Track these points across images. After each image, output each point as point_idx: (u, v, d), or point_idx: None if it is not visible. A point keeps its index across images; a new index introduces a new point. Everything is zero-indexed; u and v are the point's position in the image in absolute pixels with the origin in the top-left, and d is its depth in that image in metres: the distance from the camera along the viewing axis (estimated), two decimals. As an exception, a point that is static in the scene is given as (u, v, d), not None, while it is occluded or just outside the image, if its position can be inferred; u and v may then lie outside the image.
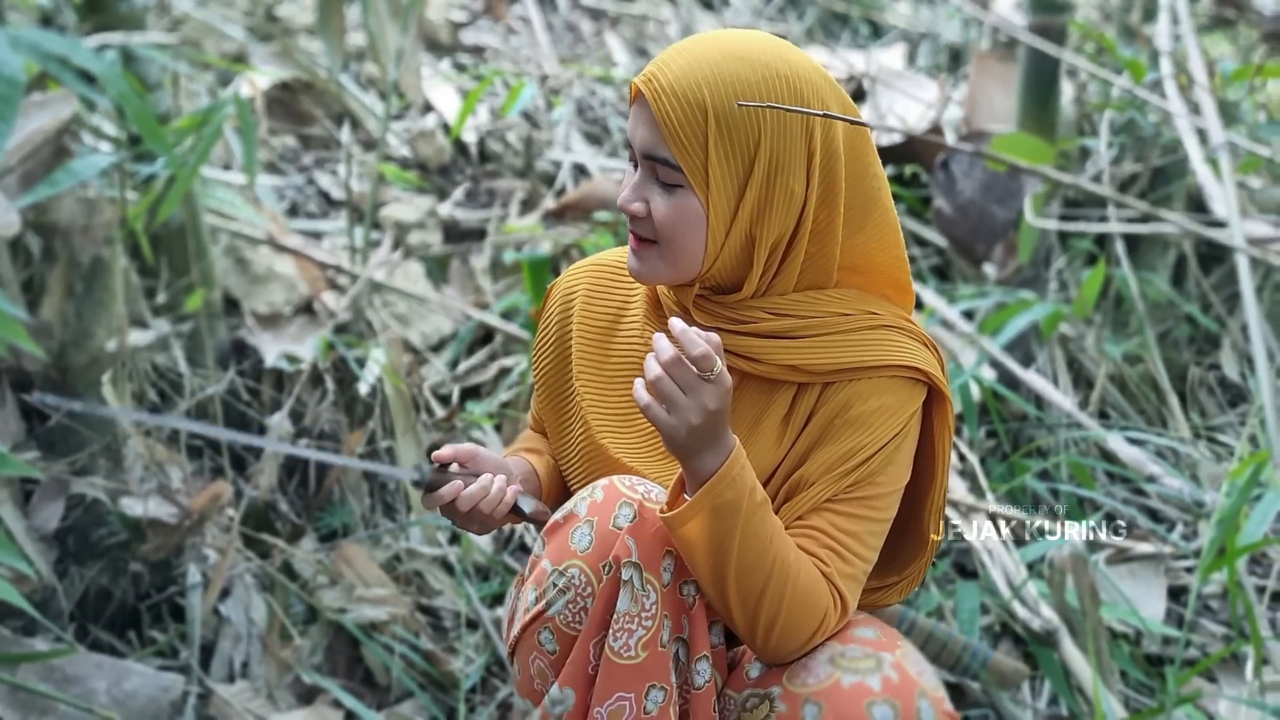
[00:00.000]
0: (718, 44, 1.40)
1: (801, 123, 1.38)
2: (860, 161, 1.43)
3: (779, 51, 1.40)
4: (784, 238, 1.41)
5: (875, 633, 1.42)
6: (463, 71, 3.96)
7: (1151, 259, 3.25)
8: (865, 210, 1.44)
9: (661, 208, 1.40)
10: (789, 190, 1.39)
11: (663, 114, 1.37)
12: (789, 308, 1.43)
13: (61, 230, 2.13)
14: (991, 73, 3.64)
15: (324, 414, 2.55)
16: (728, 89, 1.37)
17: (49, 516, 2.15)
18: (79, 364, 2.18)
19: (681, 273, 1.43)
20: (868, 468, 1.41)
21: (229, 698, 2.08)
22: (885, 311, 1.46)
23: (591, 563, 1.38)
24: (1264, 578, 2.47)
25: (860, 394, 1.41)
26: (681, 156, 1.38)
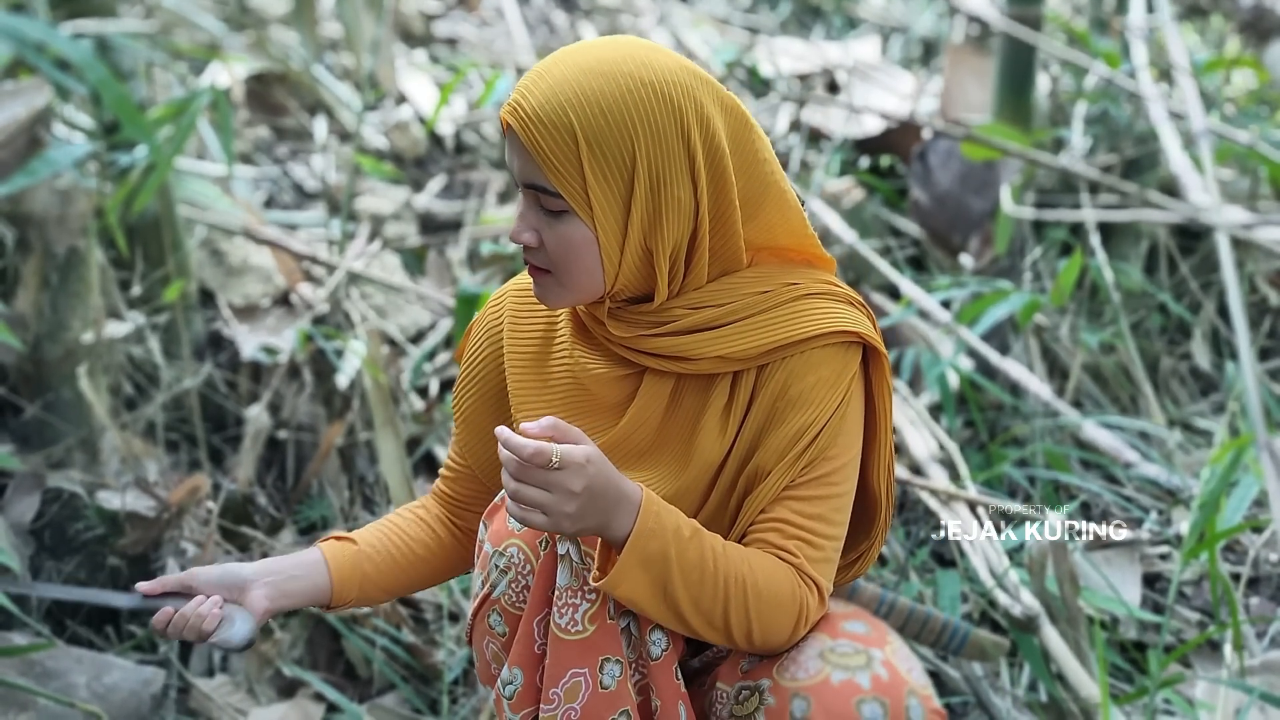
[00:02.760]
0: (579, 61, 1.36)
1: (677, 128, 1.35)
2: (746, 151, 1.40)
3: (643, 58, 1.36)
4: (682, 244, 1.38)
5: (865, 627, 1.42)
6: (437, 63, 3.94)
7: (1125, 249, 3.27)
8: (759, 199, 1.41)
9: (550, 237, 1.38)
10: (676, 199, 1.36)
11: (532, 143, 1.34)
12: (706, 299, 1.41)
13: (36, 221, 2.11)
14: (966, 65, 3.66)
15: (302, 406, 2.53)
16: (594, 108, 1.33)
17: (25, 510, 2.13)
18: (54, 356, 2.16)
19: (585, 295, 1.41)
20: (818, 445, 1.40)
21: (209, 692, 2.06)
22: (805, 279, 1.44)
23: (529, 540, 1.38)
24: (1238, 565, 2.50)
25: (796, 371, 1.40)
26: (559, 184, 1.35)
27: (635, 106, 1.34)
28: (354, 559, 1.52)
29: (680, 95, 1.35)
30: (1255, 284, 3.27)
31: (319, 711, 2.07)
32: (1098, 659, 2.12)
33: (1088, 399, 2.99)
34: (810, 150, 3.68)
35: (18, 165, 2.08)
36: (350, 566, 1.51)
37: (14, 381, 2.32)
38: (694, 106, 1.36)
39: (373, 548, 1.54)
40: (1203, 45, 4.05)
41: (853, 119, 3.61)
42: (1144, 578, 2.44)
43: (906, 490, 2.61)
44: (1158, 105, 2.77)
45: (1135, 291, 3.18)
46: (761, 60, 4.15)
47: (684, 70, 1.37)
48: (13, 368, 2.24)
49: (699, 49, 4.35)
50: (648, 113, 1.34)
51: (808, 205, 1.51)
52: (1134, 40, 3.19)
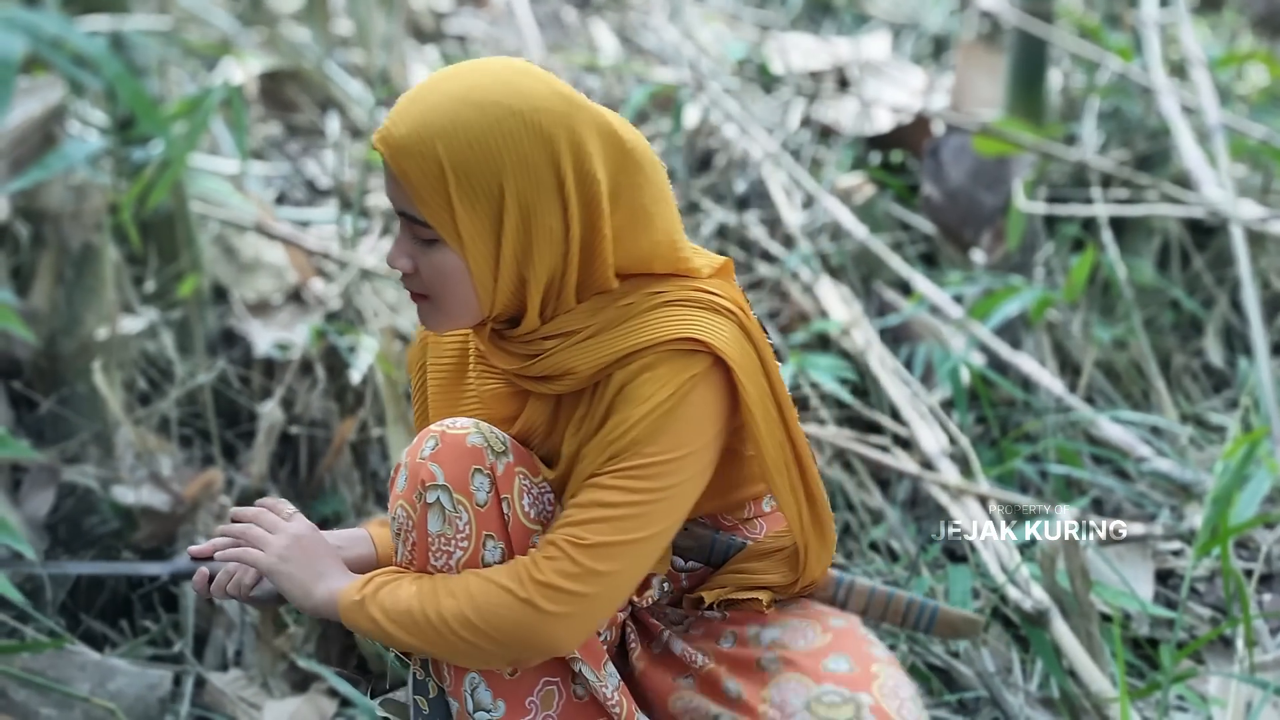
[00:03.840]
0: (449, 89, 1.35)
1: (547, 158, 1.33)
2: (621, 176, 1.37)
3: (515, 85, 1.34)
4: (557, 271, 1.38)
5: (848, 664, 1.41)
6: (448, 60, 3.95)
7: (1137, 244, 3.27)
8: (632, 225, 1.39)
9: (424, 265, 1.38)
10: (547, 229, 1.35)
11: (401, 172, 1.34)
12: (574, 322, 1.40)
13: (51, 217, 2.12)
14: (977, 61, 3.66)
15: (315, 402, 2.54)
16: (461, 138, 1.32)
17: (39, 505, 2.14)
18: (69, 351, 2.18)
19: (463, 321, 1.42)
20: (629, 437, 1.37)
21: (223, 686, 2.07)
22: (672, 288, 1.41)
23: (408, 497, 1.40)
24: (1250, 561, 2.49)
25: (632, 372, 1.38)
26: (428, 214, 1.34)
27: (503, 136, 1.32)
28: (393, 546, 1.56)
29: (551, 123, 1.34)
30: (1268, 279, 3.26)
31: (332, 706, 2.08)
32: (1114, 654, 2.12)
33: (1100, 395, 2.99)
34: (821, 146, 3.68)
35: (33, 161, 2.09)
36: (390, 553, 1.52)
37: (29, 376, 2.33)
38: (566, 134, 1.34)
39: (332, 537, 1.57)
40: (1215, 40, 4.03)
41: (864, 115, 3.61)
42: (1157, 574, 2.44)
43: (918, 486, 2.61)
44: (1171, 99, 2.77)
45: (1148, 287, 3.17)
46: (772, 56, 4.15)
47: (558, 97, 1.35)
48: (28, 363, 2.26)
49: (710, 45, 4.35)
50: (516, 142, 1.33)
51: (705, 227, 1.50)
52: (1147, 34, 3.18)
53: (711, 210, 3.39)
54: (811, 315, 2.99)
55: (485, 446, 1.40)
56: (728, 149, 3.60)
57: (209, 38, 3.48)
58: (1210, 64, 3.11)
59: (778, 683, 1.42)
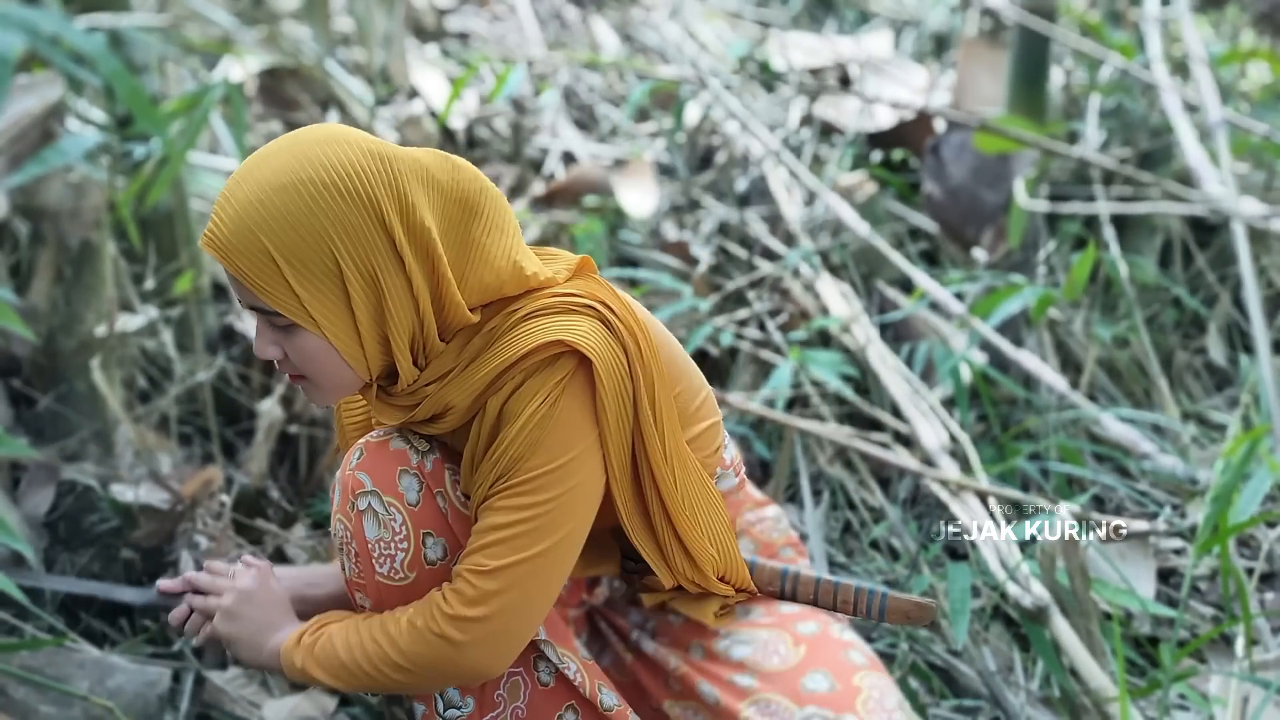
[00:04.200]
0: (260, 177, 1.34)
1: (373, 220, 1.33)
2: (448, 216, 1.38)
3: (320, 158, 1.33)
4: (414, 324, 1.39)
5: (829, 683, 1.42)
6: (449, 57, 3.94)
7: (1139, 243, 3.26)
8: (464, 260, 1.40)
9: (291, 350, 1.40)
10: (393, 288, 1.36)
11: (237, 270, 1.34)
12: (446, 363, 1.42)
13: (50, 214, 2.12)
14: (979, 58, 3.65)
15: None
16: (282, 225, 1.32)
17: (39, 503, 2.14)
18: (68, 349, 2.17)
19: (346, 391, 1.44)
20: (509, 455, 1.38)
21: (223, 685, 2.06)
22: (525, 302, 1.42)
23: (343, 510, 1.44)
24: (1252, 559, 2.49)
25: (504, 394, 1.40)
26: (275, 304, 1.35)
27: (324, 213, 1.33)
28: None
29: (368, 184, 1.34)
30: (1271, 278, 3.25)
31: (332, 703, 2.08)
32: (1114, 653, 2.12)
33: (1101, 393, 2.98)
34: (822, 144, 3.67)
35: (32, 158, 2.09)
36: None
37: (28, 374, 2.33)
38: (388, 193, 1.34)
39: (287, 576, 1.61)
40: (1217, 38, 4.03)
41: (865, 113, 3.61)
42: (1158, 572, 2.43)
43: (919, 483, 2.60)
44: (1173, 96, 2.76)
45: (1149, 285, 3.16)
46: (774, 54, 4.14)
47: (368, 156, 1.35)
48: (27, 360, 2.25)
49: (711, 43, 4.35)
50: (337, 213, 1.33)
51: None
52: (1149, 31, 3.17)
53: (712, 207, 3.39)
54: (812, 313, 2.99)
55: (408, 448, 1.43)
56: (729, 146, 3.60)
57: (209, 35, 3.48)
58: (1212, 61, 3.10)
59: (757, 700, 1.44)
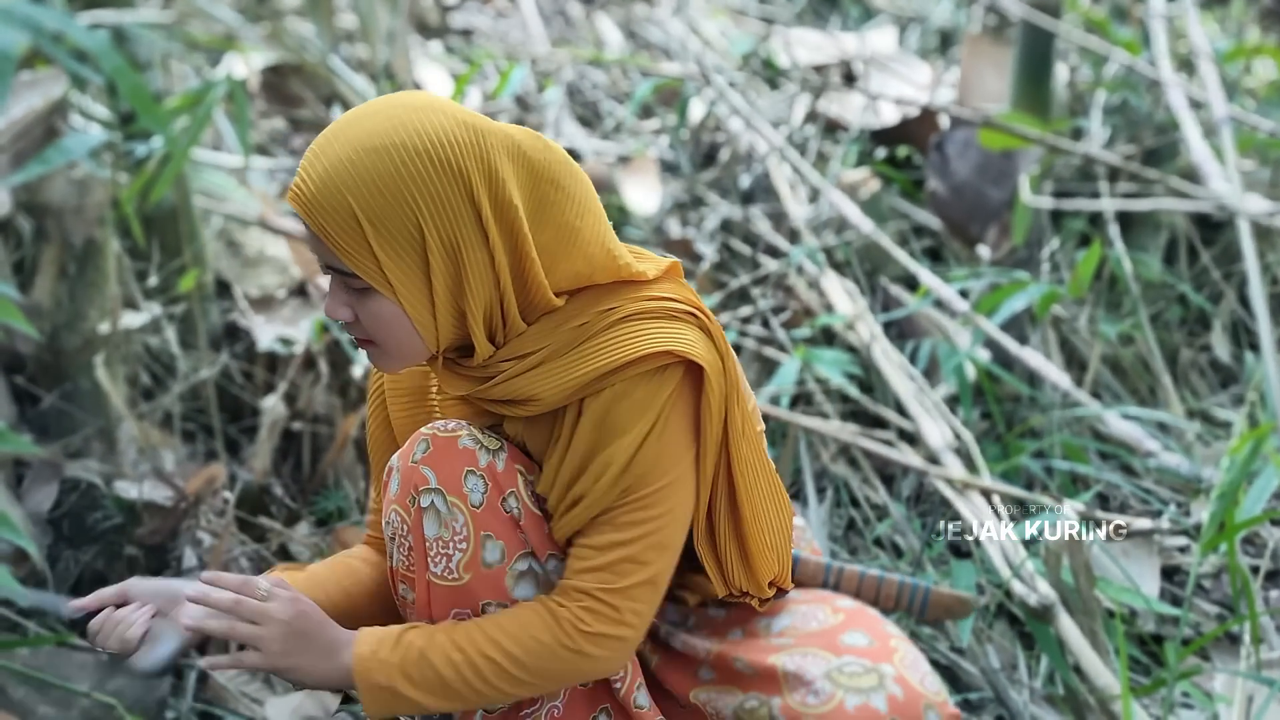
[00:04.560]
0: (352, 137, 1.32)
1: (461, 192, 1.32)
2: (538, 197, 1.36)
3: (414, 124, 1.32)
4: (493, 301, 1.37)
5: (866, 638, 1.41)
6: (453, 54, 3.94)
7: (1144, 240, 3.25)
8: (558, 243, 1.38)
9: (363, 313, 1.38)
10: (475, 262, 1.34)
11: (319, 228, 1.33)
12: (527, 345, 1.39)
13: (53, 211, 2.12)
14: (983, 55, 3.64)
15: (318, 397, 2.54)
16: (370, 187, 1.30)
17: (42, 500, 2.14)
18: (71, 346, 2.17)
19: (413, 360, 1.41)
20: (632, 472, 1.37)
21: (225, 681, 2.07)
22: (623, 300, 1.40)
23: (401, 502, 1.40)
24: (1257, 557, 2.48)
25: (614, 399, 1.38)
26: (354, 265, 1.34)
27: (413, 177, 1.31)
28: (306, 584, 1.51)
29: (460, 156, 1.32)
30: (1276, 275, 3.24)
31: (334, 700, 2.08)
32: (1117, 651, 2.11)
33: (1106, 391, 2.98)
34: (827, 141, 3.66)
35: (35, 156, 2.09)
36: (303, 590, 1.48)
37: (32, 371, 2.33)
38: (476, 165, 1.32)
39: (323, 577, 1.54)
40: (1223, 34, 4.01)
41: (869, 109, 3.60)
42: (1163, 570, 2.43)
43: (923, 481, 2.60)
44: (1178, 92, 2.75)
45: (1155, 282, 3.15)
46: (778, 51, 4.13)
47: (462, 127, 1.33)
48: (31, 357, 2.26)
49: (715, 39, 4.34)
50: (427, 181, 1.31)
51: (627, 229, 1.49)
52: (1154, 27, 3.17)
53: (716, 204, 3.38)
54: (816, 310, 2.98)
55: (478, 447, 1.40)
56: (733, 143, 3.59)
57: (213, 32, 3.48)
58: (1218, 57, 3.09)
59: (792, 653, 1.43)
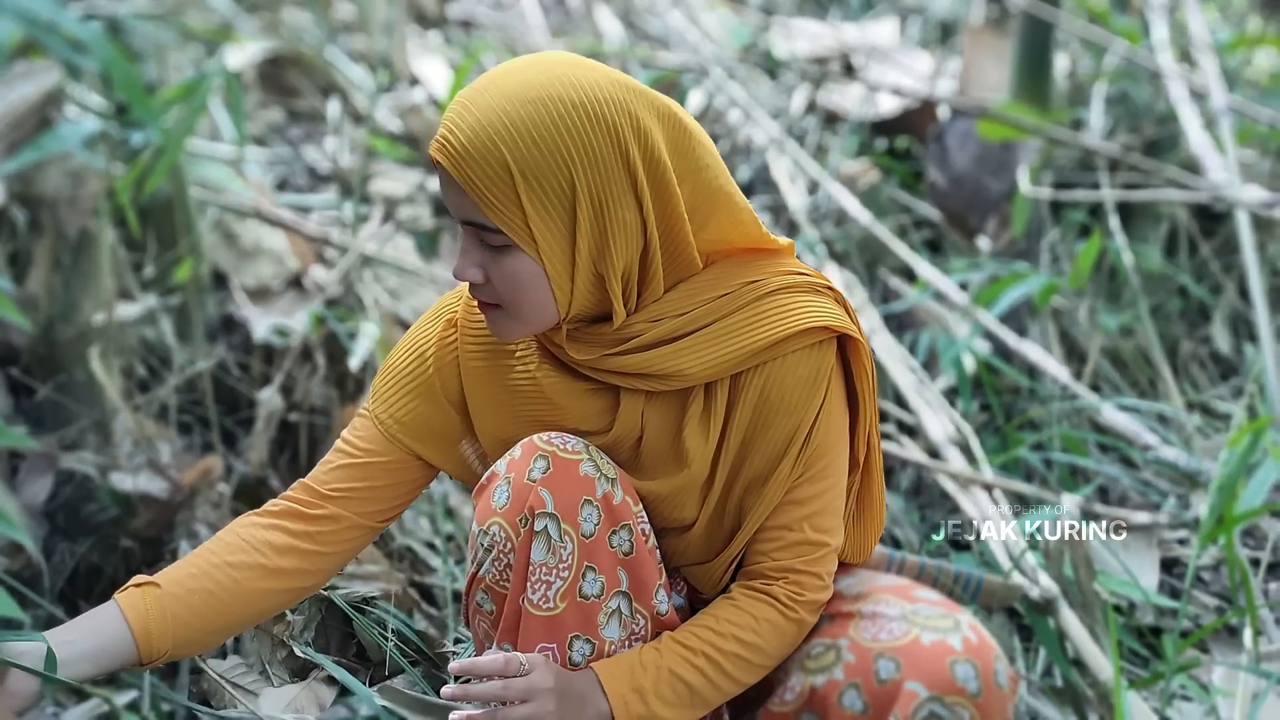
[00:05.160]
0: (504, 88, 1.30)
1: (615, 148, 1.30)
2: (689, 158, 1.35)
3: (571, 77, 1.30)
4: (633, 263, 1.34)
5: (937, 594, 1.44)
6: (451, 44, 3.93)
7: (1144, 231, 3.24)
8: (708, 207, 1.37)
9: (496, 273, 1.34)
10: (622, 221, 1.32)
11: (466, 180, 1.30)
12: (666, 309, 1.37)
13: (48, 202, 2.11)
14: (984, 46, 3.63)
15: (315, 389, 2.53)
16: (525, 138, 1.28)
17: (37, 492, 2.13)
18: (66, 337, 2.17)
19: (540, 325, 1.37)
20: (810, 446, 1.40)
21: (222, 673, 2.06)
22: (766, 273, 1.40)
23: (509, 518, 1.37)
24: (1257, 549, 2.47)
25: (773, 375, 1.38)
26: (499, 220, 1.30)
27: (568, 131, 1.28)
28: (159, 606, 1.42)
29: (614, 112, 1.30)
30: (1277, 267, 3.23)
31: (330, 694, 2.07)
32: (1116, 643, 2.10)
33: (1106, 383, 2.97)
34: (826, 132, 3.65)
35: (28, 145, 2.08)
36: (156, 615, 1.41)
37: (26, 363, 2.32)
38: (630, 122, 1.31)
39: (184, 587, 1.43)
40: (1224, 23, 4.00)
41: (869, 100, 3.59)
42: (1163, 562, 2.42)
43: (922, 474, 2.59)
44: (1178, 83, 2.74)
45: (1155, 274, 3.14)
46: (777, 41, 4.12)
47: (615, 84, 1.32)
48: (25, 349, 2.25)
49: (714, 30, 4.33)
50: (582, 136, 1.29)
51: (754, 198, 1.49)
52: (1154, 17, 3.15)
53: (715, 196, 3.37)
54: (815, 302, 2.97)
55: (597, 475, 1.37)
56: (732, 135, 3.58)
57: (210, 22, 3.47)
58: (1218, 48, 3.08)
59: (868, 600, 1.44)
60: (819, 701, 1.40)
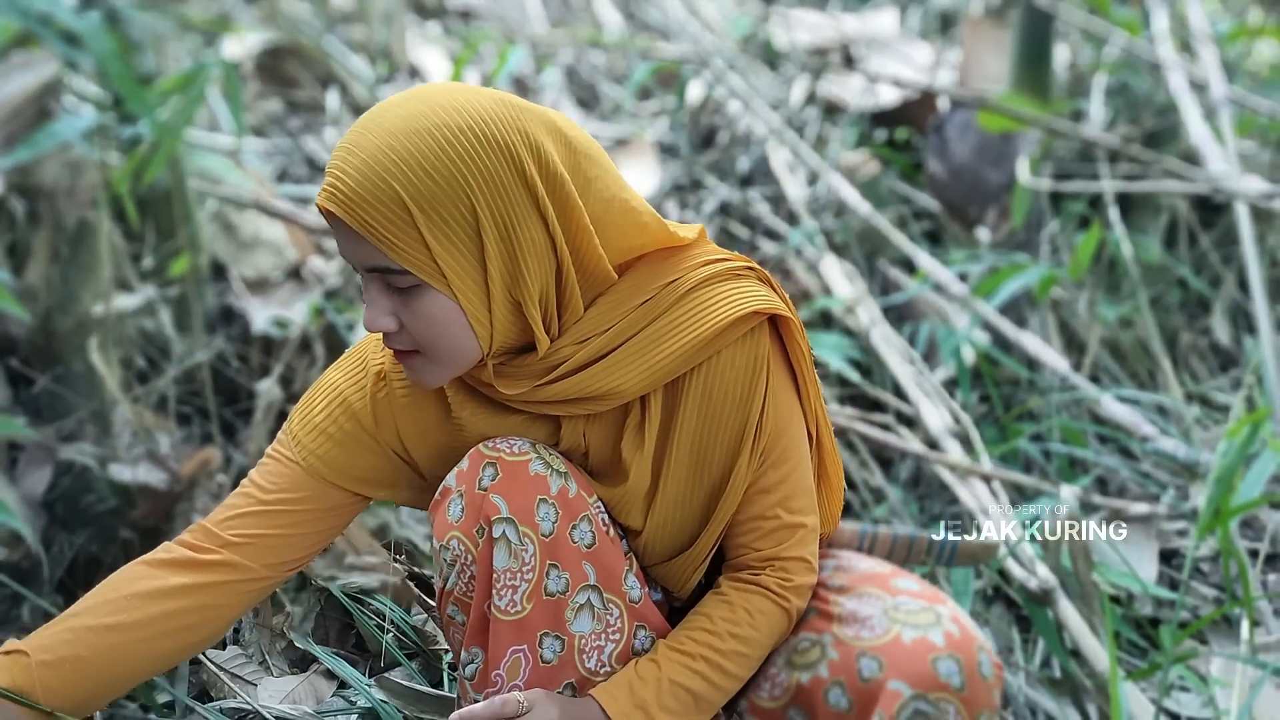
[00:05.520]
0: (387, 125, 1.26)
1: (511, 168, 1.26)
2: (580, 171, 1.31)
3: (452, 104, 1.26)
4: (549, 284, 1.31)
5: (917, 584, 1.43)
6: (450, 35, 3.92)
7: (1144, 222, 3.24)
8: (605, 213, 1.33)
9: (409, 318, 1.29)
10: (531, 241, 1.28)
11: (363, 224, 1.24)
12: (589, 328, 1.34)
13: (46, 193, 2.11)
14: (984, 37, 3.62)
15: (313, 379, 2.53)
16: (417, 170, 1.24)
17: (36, 483, 2.13)
18: (64, 328, 2.17)
19: (462, 366, 1.33)
20: (763, 434, 1.39)
21: (220, 664, 2.06)
22: (682, 270, 1.37)
23: (466, 530, 1.34)
24: (1256, 540, 2.48)
25: (713, 373, 1.36)
26: (403, 259, 1.25)
27: (460, 157, 1.24)
28: (25, 675, 1.33)
29: (505, 131, 1.27)
30: (1276, 258, 3.23)
31: (330, 686, 2.07)
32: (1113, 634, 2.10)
33: (1105, 374, 2.97)
34: (826, 123, 3.65)
35: (27, 137, 2.08)
36: (25, 685, 1.32)
37: (25, 354, 2.32)
38: (522, 140, 1.27)
39: (54, 654, 1.33)
40: (1224, 14, 3.99)
41: (869, 91, 3.58)
42: (1162, 554, 2.42)
43: (921, 465, 2.59)
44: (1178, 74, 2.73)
45: (1154, 265, 3.14)
46: (777, 32, 4.11)
47: (500, 103, 1.28)
48: (24, 340, 2.25)
49: (714, 21, 4.32)
50: (475, 159, 1.25)
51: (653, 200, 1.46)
52: (1154, 8, 3.14)
53: (715, 187, 3.37)
54: (815, 293, 2.97)
55: (548, 473, 1.35)
56: (731, 126, 3.57)
57: (209, 13, 3.46)
58: (1218, 38, 3.07)
59: (850, 595, 1.44)
60: (806, 697, 1.40)
